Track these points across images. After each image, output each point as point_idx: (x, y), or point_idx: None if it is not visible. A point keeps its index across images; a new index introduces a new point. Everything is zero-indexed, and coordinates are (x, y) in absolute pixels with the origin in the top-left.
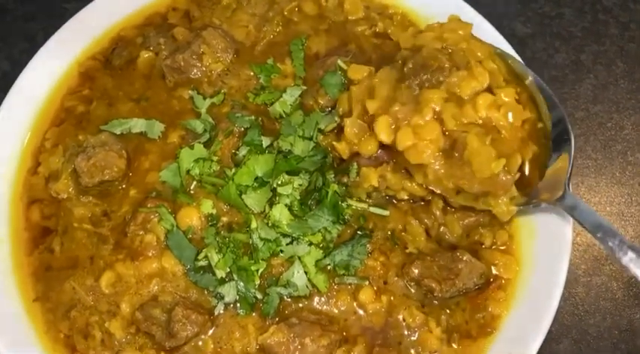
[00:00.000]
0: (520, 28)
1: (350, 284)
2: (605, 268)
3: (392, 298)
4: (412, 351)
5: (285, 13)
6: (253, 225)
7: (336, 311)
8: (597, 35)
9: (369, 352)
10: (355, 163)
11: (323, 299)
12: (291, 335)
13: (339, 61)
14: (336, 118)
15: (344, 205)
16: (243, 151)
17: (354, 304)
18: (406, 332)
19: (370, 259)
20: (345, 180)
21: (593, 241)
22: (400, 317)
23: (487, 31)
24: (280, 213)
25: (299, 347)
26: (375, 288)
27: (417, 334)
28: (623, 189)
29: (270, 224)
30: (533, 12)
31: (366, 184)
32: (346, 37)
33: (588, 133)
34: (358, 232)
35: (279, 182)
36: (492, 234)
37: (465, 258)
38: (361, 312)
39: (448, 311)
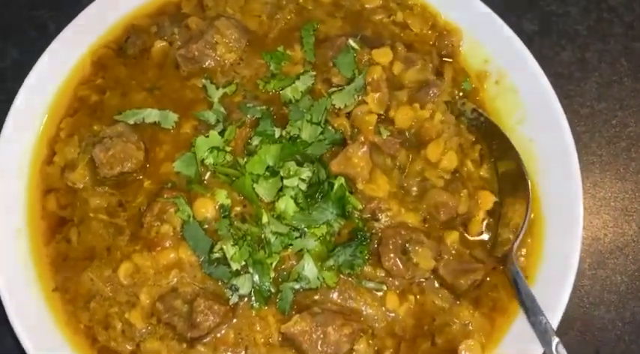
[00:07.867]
0: (527, 26)
1: (372, 290)
2: (609, 261)
3: (418, 296)
4: (446, 329)
5: (300, 1)
6: (264, 219)
7: (365, 313)
8: (602, 34)
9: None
10: None
11: (350, 300)
12: (314, 324)
13: (351, 41)
14: (355, 96)
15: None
16: (255, 141)
17: (383, 309)
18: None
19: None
20: None
21: (598, 235)
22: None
23: (497, 25)
24: (286, 204)
25: (321, 336)
26: (398, 292)
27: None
28: (627, 185)
29: (275, 216)
30: (540, 10)
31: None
32: (362, 24)
33: (593, 130)
34: (359, 234)
35: (286, 173)
36: None
37: None
38: (393, 315)
39: None
